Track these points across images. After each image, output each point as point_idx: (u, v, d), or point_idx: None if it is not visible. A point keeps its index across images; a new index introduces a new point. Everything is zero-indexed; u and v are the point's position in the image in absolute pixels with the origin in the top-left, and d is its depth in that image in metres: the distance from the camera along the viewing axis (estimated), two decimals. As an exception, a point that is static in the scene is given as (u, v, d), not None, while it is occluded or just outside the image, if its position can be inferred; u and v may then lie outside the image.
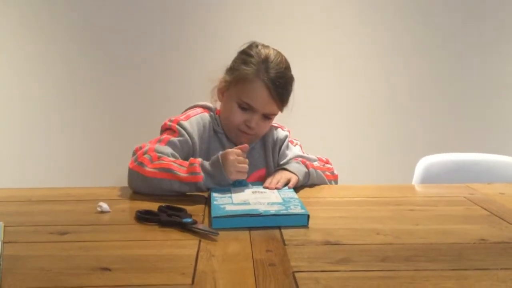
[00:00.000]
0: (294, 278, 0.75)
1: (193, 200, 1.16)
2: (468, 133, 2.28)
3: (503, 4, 2.22)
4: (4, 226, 0.89)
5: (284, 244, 0.89)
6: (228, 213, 1.00)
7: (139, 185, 1.21)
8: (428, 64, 2.25)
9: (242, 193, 1.16)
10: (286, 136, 1.46)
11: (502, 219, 1.05)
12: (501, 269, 0.79)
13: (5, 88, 2.18)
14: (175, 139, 1.30)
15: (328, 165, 1.44)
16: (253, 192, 1.18)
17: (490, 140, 2.25)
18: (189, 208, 1.07)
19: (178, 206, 1.07)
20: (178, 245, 0.89)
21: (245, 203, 1.07)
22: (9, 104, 2.19)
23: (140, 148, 1.25)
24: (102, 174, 2.20)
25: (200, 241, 0.90)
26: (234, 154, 1.19)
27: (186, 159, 1.27)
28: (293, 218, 1.00)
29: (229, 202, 1.07)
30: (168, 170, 1.18)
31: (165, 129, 1.36)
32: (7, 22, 2.14)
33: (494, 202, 1.17)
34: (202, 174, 1.17)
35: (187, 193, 1.20)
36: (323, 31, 2.19)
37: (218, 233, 0.93)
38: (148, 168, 1.19)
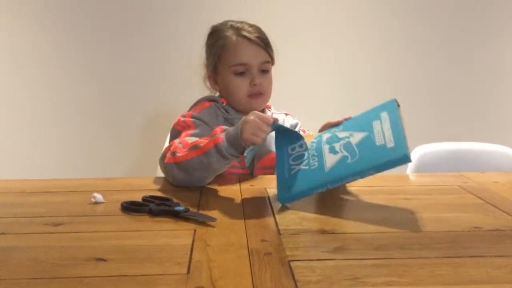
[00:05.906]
0: (290, 267, 0.75)
1: (187, 190, 1.16)
2: (463, 122, 2.28)
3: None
4: None
5: (279, 233, 0.89)
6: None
7: (178, 176, 1.16)
8: (422, 53, 2.25)
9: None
10: (297, 124, 1.49)
11: (496, 207, 1.05)
12: (495, 256, 0.80)
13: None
14: (196, 131, 1.29)
15: None
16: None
17: (484, 129, 2.26)
18: (183, 197, 1.07)
19: (164, 196, 1.07)
20: (173, 235, 0.89)
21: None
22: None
23: (170, 146, 1.22)
24: (96, 166, 2.19)
25: (195, 230, 0.90)
26: (256, 116, 1.09)
27: None
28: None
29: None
30: (194, 147, 1.14)
31: (181, 127, 1.33)
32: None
33: (487, 190, 1.18)
34: (222, 136, 1.11)
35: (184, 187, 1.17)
36: (321, 23, 2.18)
37: (215, 219, 0.93)
38: (180, 154, 1.16)
